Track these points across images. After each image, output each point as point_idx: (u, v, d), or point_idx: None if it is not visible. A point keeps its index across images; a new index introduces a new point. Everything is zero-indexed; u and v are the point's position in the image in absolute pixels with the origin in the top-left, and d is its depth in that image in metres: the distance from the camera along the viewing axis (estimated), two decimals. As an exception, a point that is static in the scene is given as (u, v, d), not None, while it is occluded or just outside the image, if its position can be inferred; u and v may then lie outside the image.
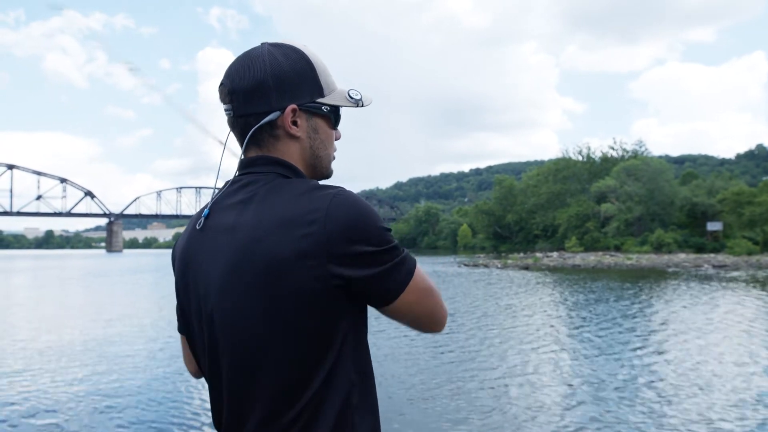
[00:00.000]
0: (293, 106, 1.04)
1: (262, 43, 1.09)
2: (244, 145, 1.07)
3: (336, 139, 1.16)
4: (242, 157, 1.08)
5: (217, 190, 1.10)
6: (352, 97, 1.12)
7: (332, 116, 1.11)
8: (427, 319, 1.07)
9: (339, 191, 0.99)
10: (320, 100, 1.08)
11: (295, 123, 1.06)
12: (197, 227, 1.07)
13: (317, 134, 1.10)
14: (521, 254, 57.23)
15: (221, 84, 1.07)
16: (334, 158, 1.17)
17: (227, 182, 1.09)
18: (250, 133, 1.05)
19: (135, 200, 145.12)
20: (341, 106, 1.13)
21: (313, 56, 1.09)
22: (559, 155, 77.37)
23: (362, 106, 1.14)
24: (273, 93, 1.03)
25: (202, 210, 1.09)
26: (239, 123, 1.07)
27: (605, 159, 72.22)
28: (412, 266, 1.03)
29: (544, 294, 19.77)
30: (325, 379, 0.97)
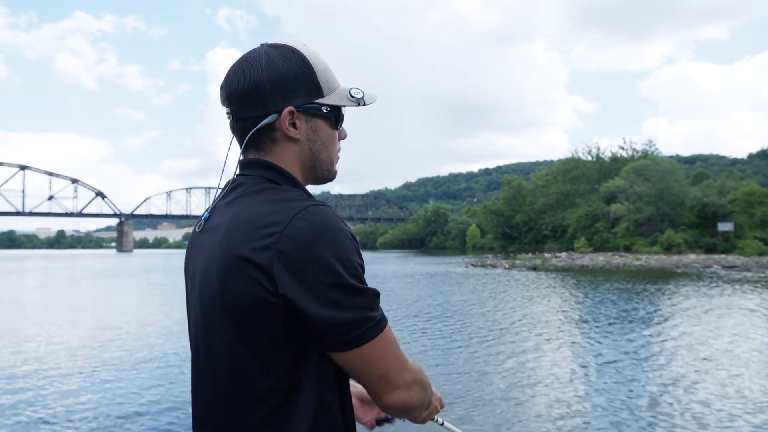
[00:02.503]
0: (290, 108, 1.02)
1: (261, 44, 1.07)
2: (243, 148, 1.06)
3: (341, 139, 1.13)
4: (240, 159, 1.07)
5: (219, 192, 1.10)
6: (353, 96, 1.09)
7: (333, 117, 1.08)
8: (374, 388, 0.97)
9: (308, 206, 0.94)
10: (319, 100, 1.05)
11: (294, 125, 1.03)
12: (197, 230, 1.08)
13: (317, 135, 1.07)
14: (530, 255, 57.01)
15: (221, 87, 1.07)
16: (338, 158, 1.14)
17: (227, 182, 1.08)
18: (248, 137, 1.04)
19: (145, 200, 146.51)
20: (342, 106, 1.09)
21: (313, 56, 1.05)
22: (569, 155, 77.11)
23: (364, 104, 1.10)
24: (269, 96, 1.01)
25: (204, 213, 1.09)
26: (238, 126, 1.05)
27: (615, 159, 71.80)
28: (379, 323, 0.95)
29: (548, 295, 19.69)
30: (285, 388, 0.95)
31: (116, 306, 17.47)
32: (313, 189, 1.04)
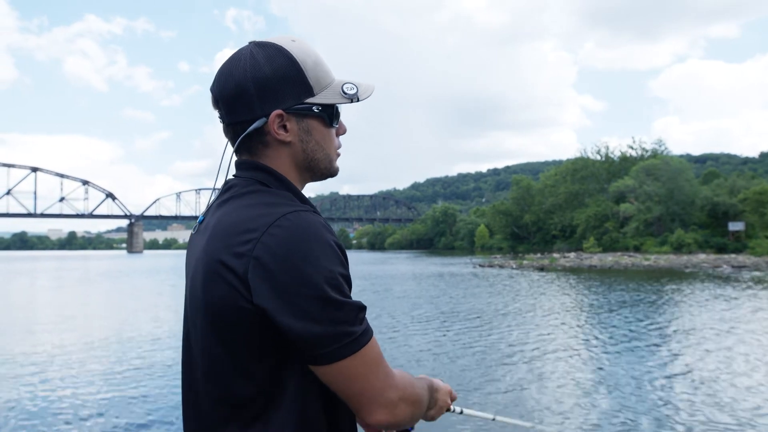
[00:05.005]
0: (278, 111, 0.98)
1: (249, 43, 1.03)
2: (234, 153, 1.04)
3: (340, 134, 1.10)
4: (235, 160, 1.06)
5: (215, 194, 1.08)
6: (346, 93, 1.03)
7: (326, 115, 1.03)
8: (354, 405, 0.93)
9: (289, 212, 0.90)
10: (309, 100, 1.01)
11: (284, 128, 1.00)
12: (193, 231, 1.07)
13: (311, 136, 1.03)
14: (538, 255, 56.85)
15: (210, 90, 1.04)
16: (338, 155, 1.10)
17: (223, 184, 1.06)
18: (238, 142, 1.01)
19: (155, 202, 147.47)
20: (334, 104, 1.04)
21: (301, 53, 1.00)
22: (578, 155, 76.75)
23: (358, 100, 1.05)
24: (255, 99, 0.97)
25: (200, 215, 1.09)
26: (229, 131, 1.03)
27: (624, 158, 71.39)
28: (359, 338, 0.90)
29: (552, 295, 19.62)
30: (266, 397, 0.92)
31: (125, 307, 17.62)
32: (321, 188, 1.02)
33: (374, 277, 30.10)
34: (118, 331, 12.29)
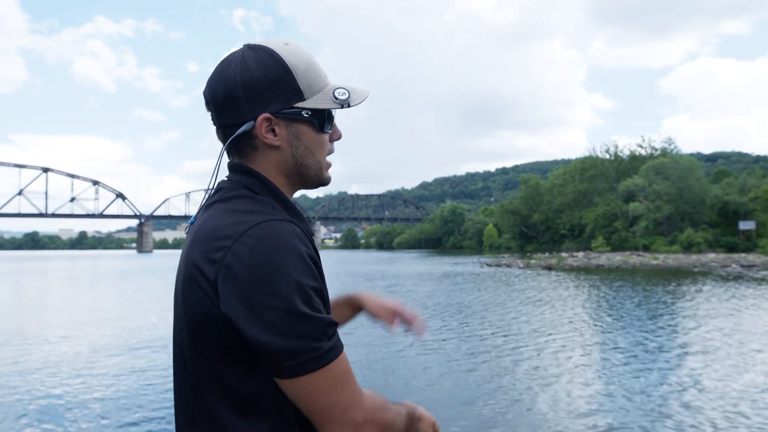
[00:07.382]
0: (265, 115, 0.97)
1: (243, 46, 1.03)
2: (223, 156, 1.04)
3: (334, 140, 1.09)
4: (227, 162, 1.06)
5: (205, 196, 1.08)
6: (336, 98, 1.02)
7: (316, 121, 1.02)
8: (316, 422, 0.90)
9: (263, 221, 0.89)
10: (299, 104, 0.99)
11: (272, 131, 0.99)
12: (185, 232, 1.06)
13: (300, 141, 1.01)
14: (547, 254, 56.59)
15: (203, 93, 1.04)
16: (329, 163, 1.09)
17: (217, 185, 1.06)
18: (226, 145, 1.01)
19: (164, 201, 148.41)
20: (324, 109, 1.03)
21: (292, 56, 0.99)
22: (587, 154, 76.37)
23: (349, 106, 1.03)
24: (244, 102, 0.97)
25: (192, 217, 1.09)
26: (220, 134, 1.03)
27: (633, 157, 71.01)
28: (325, 354, 0.87)
29: (555, 296, 19.57)
30: (240, 407, 0.91)
31: (135, 306, 17.76)
32: (329, 188, 1.01)
33: (379, 277, 30.15)
34: (127, 330, 12.40)
